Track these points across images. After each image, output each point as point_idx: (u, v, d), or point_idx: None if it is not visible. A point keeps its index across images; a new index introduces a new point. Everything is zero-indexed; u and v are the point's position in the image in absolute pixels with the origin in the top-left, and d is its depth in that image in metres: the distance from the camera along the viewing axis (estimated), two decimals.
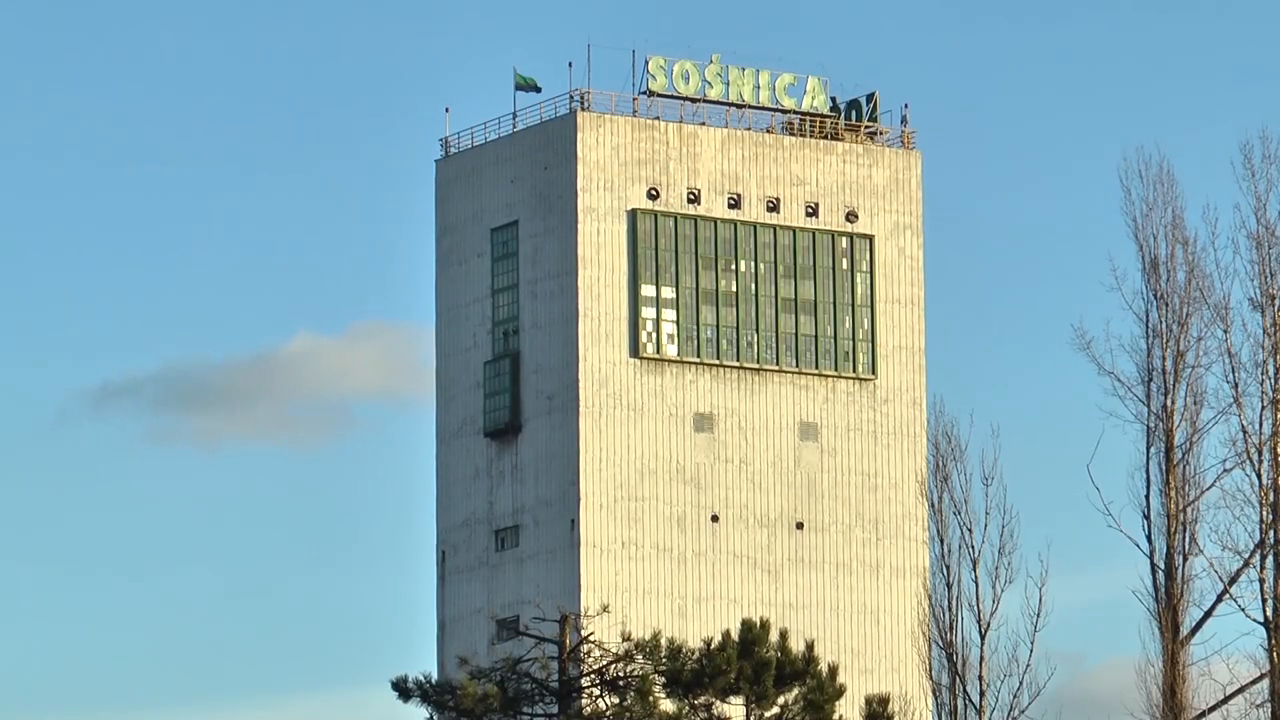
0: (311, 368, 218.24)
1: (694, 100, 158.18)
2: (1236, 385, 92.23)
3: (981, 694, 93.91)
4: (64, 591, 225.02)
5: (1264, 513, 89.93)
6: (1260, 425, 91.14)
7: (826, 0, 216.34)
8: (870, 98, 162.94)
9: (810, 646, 71.64)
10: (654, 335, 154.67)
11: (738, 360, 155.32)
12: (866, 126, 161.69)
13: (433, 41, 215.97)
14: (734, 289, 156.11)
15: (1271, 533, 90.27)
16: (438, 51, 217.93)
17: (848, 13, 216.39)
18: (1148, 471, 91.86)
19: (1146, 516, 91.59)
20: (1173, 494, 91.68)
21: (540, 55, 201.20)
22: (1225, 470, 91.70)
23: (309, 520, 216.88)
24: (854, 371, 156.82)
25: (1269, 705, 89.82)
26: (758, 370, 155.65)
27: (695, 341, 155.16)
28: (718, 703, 69.98)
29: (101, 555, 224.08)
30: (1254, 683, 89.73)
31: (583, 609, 79.82)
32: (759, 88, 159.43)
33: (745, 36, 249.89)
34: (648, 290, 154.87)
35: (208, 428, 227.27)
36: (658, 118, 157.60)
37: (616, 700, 69.84)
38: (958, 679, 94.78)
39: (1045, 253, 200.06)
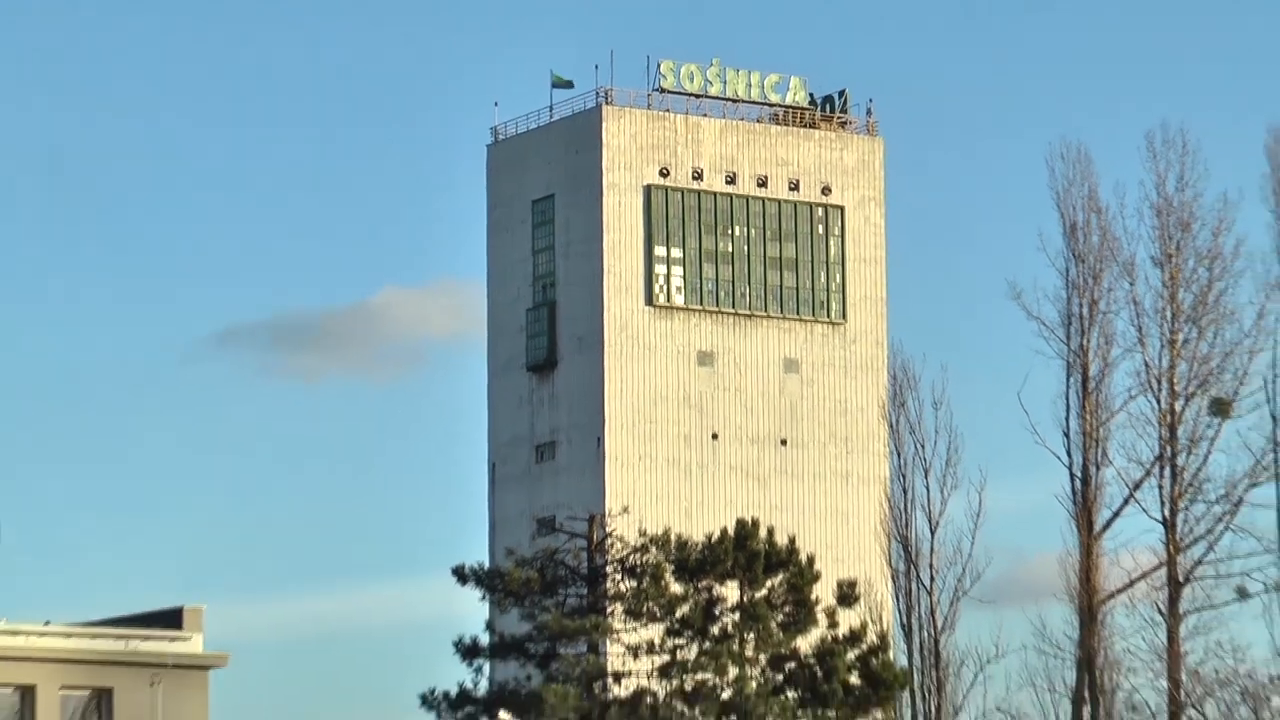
0: (393, 315, 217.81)
1: (697, 96, 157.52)
2: (1140, 328, 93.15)
3: (932, 579, 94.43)
4: (182, 495, 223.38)
5: (1162, 432, 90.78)
6: (1159, 360, 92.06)
7: (806, 13, 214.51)
8: (842, 94, 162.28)
9: (792, 541, 72.30)
10: (664, 287, 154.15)
11: (733, 308, 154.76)
12: (838, 117, 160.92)
13: (484, 48, 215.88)
14: (730, 249, 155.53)
15: (1168, 448, 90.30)
16: (489, 55, 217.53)
17: (823, 23, 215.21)
18: (1067, 399, 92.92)
19: (1066, 435, 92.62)
20: (1088, 417, 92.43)
21: (572, 59, 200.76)
22: (1130, 397, 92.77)
23: (388, 439, 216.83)
24: (828, 317, 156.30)
25: (1166, 589, 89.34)
26: (749, 316, 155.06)
27: (698, 292, 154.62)
28: (717, 585, 70.42)
29: (216, 469, 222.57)
30: (1154, 570, 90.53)
31: (607, 510, 79.81)
32: (750, 85, 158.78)
33: (739, 43, 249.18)
34: (659, 251, 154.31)
35: (309, 365, 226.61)
36: (668, 110, 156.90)
37: (634, 584, 70.30)
38: (912, 567, 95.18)
39: (984, 220, 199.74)
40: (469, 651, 72.77)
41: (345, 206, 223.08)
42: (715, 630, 70.53)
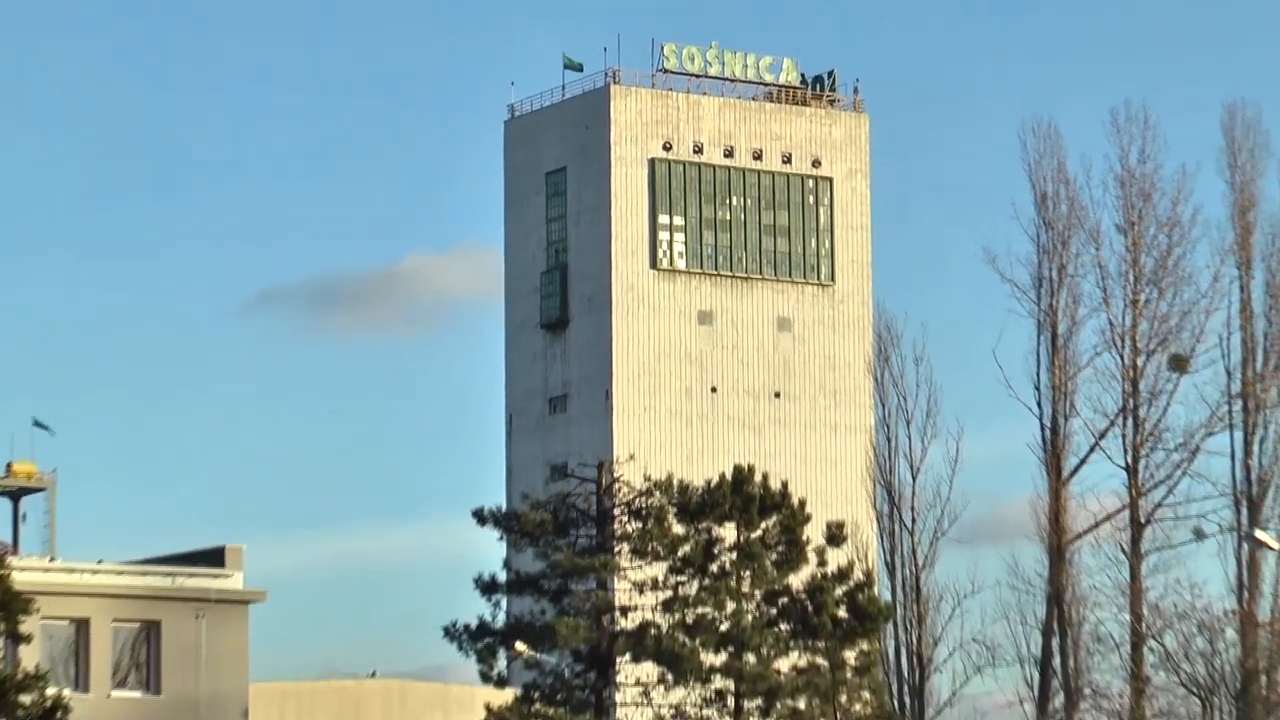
0: (418, 279, 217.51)
1: (698, 76, 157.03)
2: (1105, 290, 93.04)
3: (913, 521, 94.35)
4: (225, 442, 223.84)
5: (1125, 385, 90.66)
6: (1123, 319, 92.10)
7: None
8: (830, 74, 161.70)
9: (784, 486, 72.09)
10: (668, 252, 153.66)
11: (730, 271, 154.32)
12: (827, 96, 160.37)
13: (502, 32, 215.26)
14: (728, 217, 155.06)
15: (1131, 400, 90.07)
16: (506, 39, 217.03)
17: (813, 8, 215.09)
18: (1038, 355, 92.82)
19: (1037, 389, 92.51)
20: (1056, 372, 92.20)
21: (582, 42, 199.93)
22: (1096, 354, 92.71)
23: (414, 392, 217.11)
24: (818, 279, 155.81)
25: (1128, 530, 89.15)
26: (745, 278, 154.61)
27: (699, 257, 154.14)
28: (716, 527, 70.24)
29: (259, 418, 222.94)
30: (1117, 512, 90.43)
31: (614, 458, 79.61)
32: (746, 66, 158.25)
33: (736, 26, 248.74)
34: (663, 218, 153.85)
35: (343, 324, 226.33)
36: (670, 90, 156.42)
37: (640, 525, 70.07)
38: (895, 510, 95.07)
39: (963, 190, 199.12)
40: (488, 587, 72.64)
41: (375, 179, 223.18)
42: (714, 568, 70.36)
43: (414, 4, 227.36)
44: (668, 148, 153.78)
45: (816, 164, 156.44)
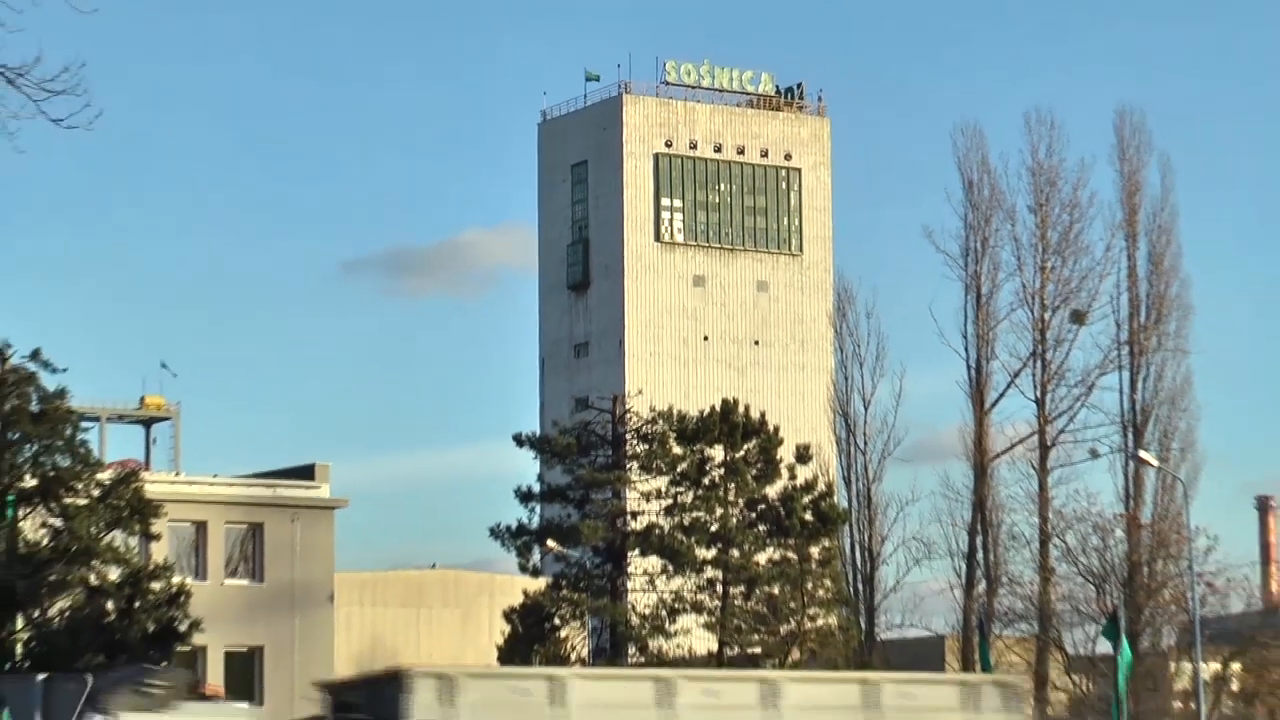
0: (472, 250, 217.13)
1: (693, 87, 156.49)
2: (1019, 258, 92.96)
3: (865, 444, 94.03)
4: (320, 379, 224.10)
5: (1035, 335, 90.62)
6: (1033, 282, 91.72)
7: (773, 25, 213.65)
8: (799, 86, 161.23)
9: (763, 415, 72.16)
10: (669, 228, 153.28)
11: (719, 243, 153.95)
12: (797, 103, 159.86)
13: (536, 52, 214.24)
14: (717, 200, 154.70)
15: (1039, 347, 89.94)
16: (540, 58, 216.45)
17: (785, 34, 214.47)
18: (965, 311, 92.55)
19: (965, 337, 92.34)
20: (980, 324, 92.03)
21: (600, 60, 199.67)
22: (1011, 310, 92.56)
23: (468, 340, 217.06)
24: (789, 250, 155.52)
25: (1037, 451, 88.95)
26: (731, 249, 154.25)
27: (694, 232, 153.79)
28: (707, 448, 69.98)
29: (347, 360, 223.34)
30: (1028, 437, 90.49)
31: (626, 393, 79.40)
32: (732, 79, 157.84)
33: (724, 47, 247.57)
34: (665, 201, 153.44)
35: (412, 286, 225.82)
36: (671, 98, 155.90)
37: (646, 447, 69.84)
38: (850, 434, 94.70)
39: (905, 179, 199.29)
40: (525, 496, 72.62)
41: (437, 170, 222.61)
42: (706, 481, 70.28)
43: (466, 31, 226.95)
44: (669, 144, 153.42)
45: (788, 157, 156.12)
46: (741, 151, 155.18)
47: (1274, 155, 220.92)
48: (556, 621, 71.13)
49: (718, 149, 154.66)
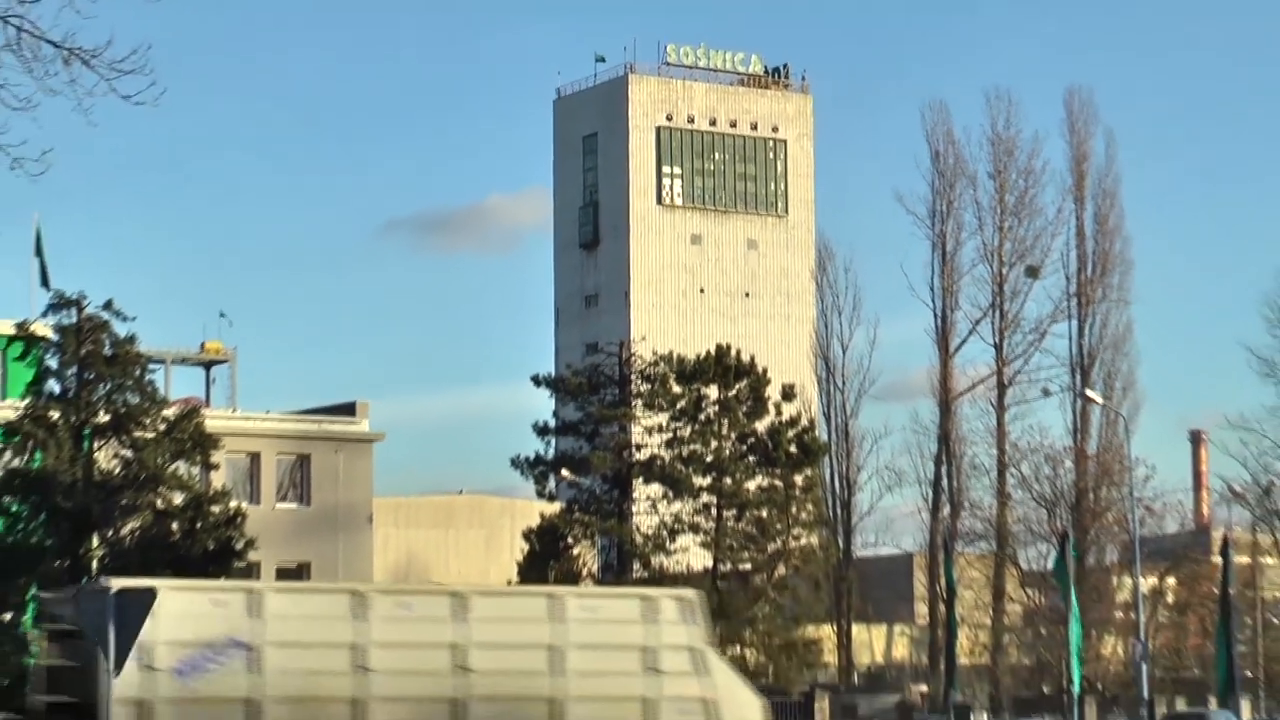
0: (496, 212, 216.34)
1: (690, 67, 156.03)
2: (980, 220, 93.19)
3: (843, 384, 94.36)
4: (361, 327, 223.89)
5: (994, 288, 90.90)
6: (993, 241, 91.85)
7: (763, 8, 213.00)
8: (785, 66, 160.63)
9: (752, 359, 72.30)
10: (670, 192, 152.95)
11: (714, 206, 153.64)
12: (783, 81, 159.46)
13: (552, 36, 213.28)
14: (712, 168, 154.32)
15: (998, 298, 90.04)
16: (555, 41, 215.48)
17: (772, 17, 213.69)
18: (932, 266, 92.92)
19: (932, 290, 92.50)
20: (945, 278, 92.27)
21: (608, 43, 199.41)
22: (973, 265, 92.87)
23: (493, 293, 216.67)
24: (776, 213, 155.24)
25: (996, 390, 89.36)
26: (724, 212, 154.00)
27: (692, 196, 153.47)
28: (703, 388, 69.95)
29: (384, 310, 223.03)
30: (987, 378, 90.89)
31: (631, 339, 79.39)
32: (725, 60, 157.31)
33: (718, 31, 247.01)
34: (666, 169, 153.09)
35: (444, 243, 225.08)
36: (671, 77, 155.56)
37: (649, 386, 69.88)
38: (830, 376, 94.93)
39: (879, 148, 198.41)
40: (542, 431, 72.79)
41: (467, 141, 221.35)
42: (702, 417, 70.40)
43: (490, 18, 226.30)
44: (669, 119, 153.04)
45: (775, 130, 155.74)
46: (734, 125, 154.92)
47: (1205, 126, 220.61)
48: (570, 541, 71.32)
49: (713, 122, 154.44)
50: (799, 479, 71.11)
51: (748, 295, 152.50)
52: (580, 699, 30.19)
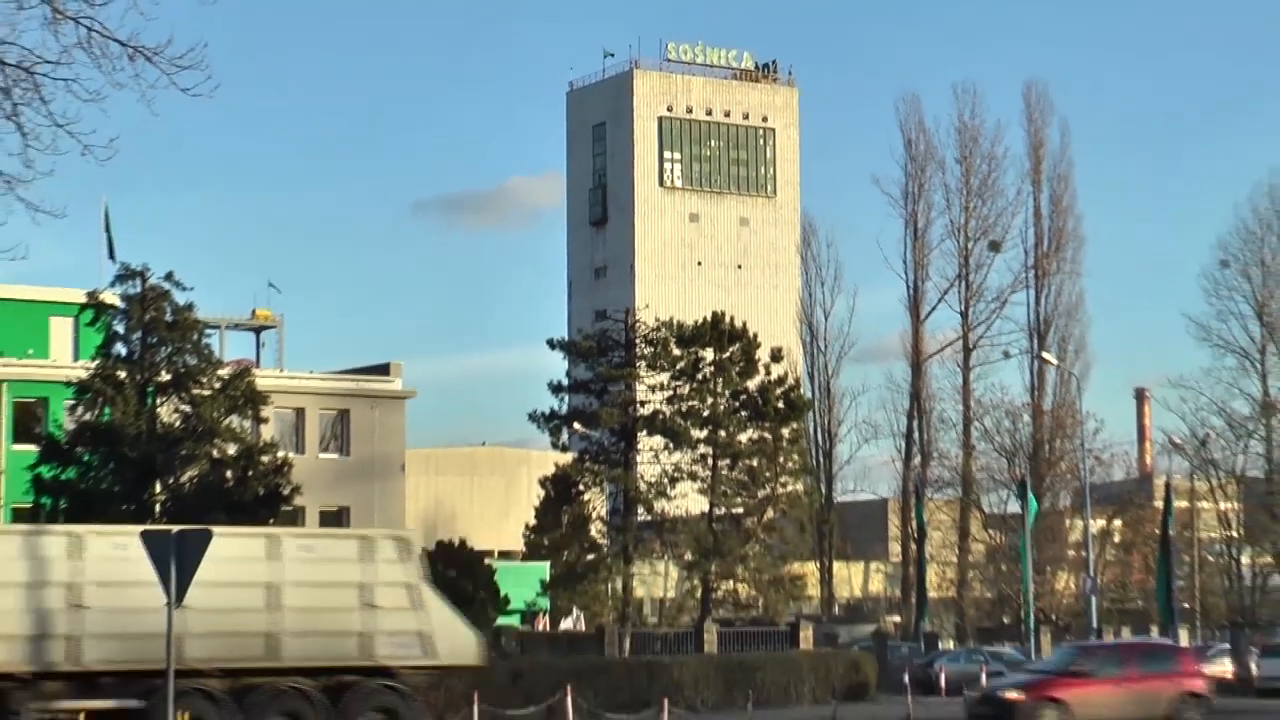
0: (517, 193, 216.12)
1: (689, 63, 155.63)
2: (948, 200, 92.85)
3: (826, 346, 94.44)
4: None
5: (960, 261, 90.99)
6: (960, 219, 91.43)
7: (754, 10, 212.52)
8: (773, 62, 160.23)
9: (744, 325, 71.89)
10: (670, 175, 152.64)
11: (711, 188, 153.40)
12: (771, 76, 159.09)
13: (565, 34, 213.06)
14: (708, 153, 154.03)
15: (964, 270, 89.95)
16: (568, 39, 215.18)
17: (762, 19, 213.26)
18: (905, 241, 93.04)
19: (905, 263, 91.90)
20: (917, 252, 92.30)
21: (616, 40, 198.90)
22: (941, 241, 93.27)
23: (514, 266, 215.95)
24: (765, 194, 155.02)
25: (962, 352, 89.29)
26: (720, 193, 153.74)
27: (690, 179, 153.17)
28: (700, 350, 69.66)
29: (416, 282, 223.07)
30: (954, 341, 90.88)
31: (636, 306, 79.47)
32: (720, 57, 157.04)
33: (714, 30, 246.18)
34: (667, 154, 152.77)
35: (470, 222, 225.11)
36: (672, 72, 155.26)
37: (652, 349, 69.71)
38: (814, 339, 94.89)
39: (857, 136, 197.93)
40: (556, 389, 72.64)
41: (490, 128, 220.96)
42: (699, 376, 70.28)
43: (510, 18, 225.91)
44: (670, 109, 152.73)
45: (764, 119, 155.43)
46: (728, 115, 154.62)
47: (1150, 114, 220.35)
48: (581, 488, 71.32)
49: (709, 113, 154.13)
50: (786, 432, 71.08)
51: (740, 268, 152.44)
52: (297, 634, 29.15)
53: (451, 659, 30.68)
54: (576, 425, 71.47)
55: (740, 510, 70.96)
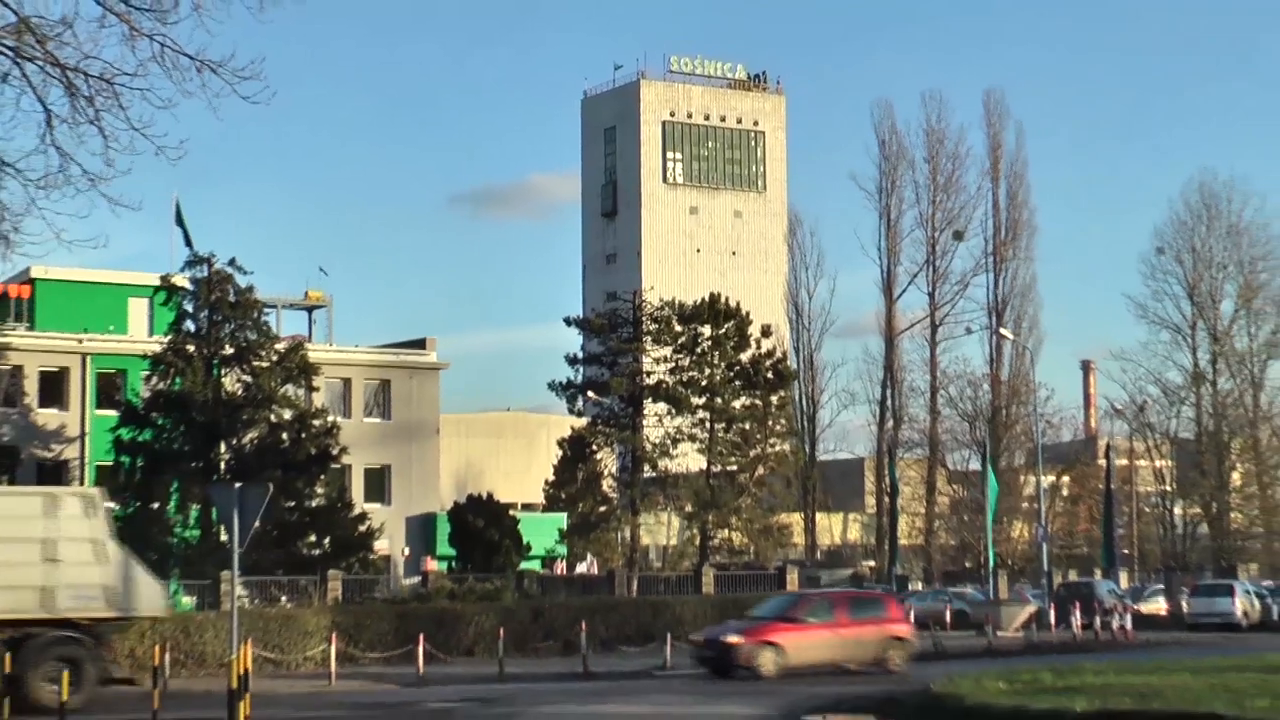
0: (540, 188, 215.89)
1: (689, 74, 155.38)
2: (917, 194, 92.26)
3: (809, 323, 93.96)
4: (432, 278, 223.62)
5: (928, 248, 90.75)
6: (928, 210, 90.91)
7: (746, 28, 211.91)
8: (763, 73, 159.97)
9: (738, 304, 71.88)
10: (673, 173, 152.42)
11: (709, 184, 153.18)
12: (761, 85, 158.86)
13: (580, 50, 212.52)
14: (706, 154, 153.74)
15: (931, 256, 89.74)
16: (583, 53, 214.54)
17: (754, 36, 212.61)
18: (880, 230, 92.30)
19: (879, 250, 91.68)
20: (890, 240, 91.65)
21: (624, 54, 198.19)
22: (911, 230, 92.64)
23: (537, 252, 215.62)
24: (757, 189, 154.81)
25: (929, 329, 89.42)
26: (716, 188, 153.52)
27: (691, 176, 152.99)
28: (699, 327, 69.67)
29: (451, 262, 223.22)
30: (923, 319, 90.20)
31: (643, 289, 79.47)
32: (717, 68, 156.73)
33: (712, 45, 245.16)
34: (669, 154, 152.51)
35: (498, 214, 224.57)
36: (674, 81, 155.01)
37: (656, 326, 69.64)
38: (799, 317, 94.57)
39: (838, 138, 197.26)
40: (572, 361, 72.66)
41: (516, 132, 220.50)
42: (698, 350, 70.31)
43: (535, 34, 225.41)
44: (672, 114, 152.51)
45: (755, 123, 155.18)
46: (723, 119, 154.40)
47: (1097, 117, 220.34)
48: (594, 448, 71.34)
49: (706, 118, 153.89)
50: (774, 399, 71.13)
51: (734, 254, 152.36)
52: None
53: (135, 610, 29.16)
54: (590, 393, 71.48)
55: (734, 468, 71.05)
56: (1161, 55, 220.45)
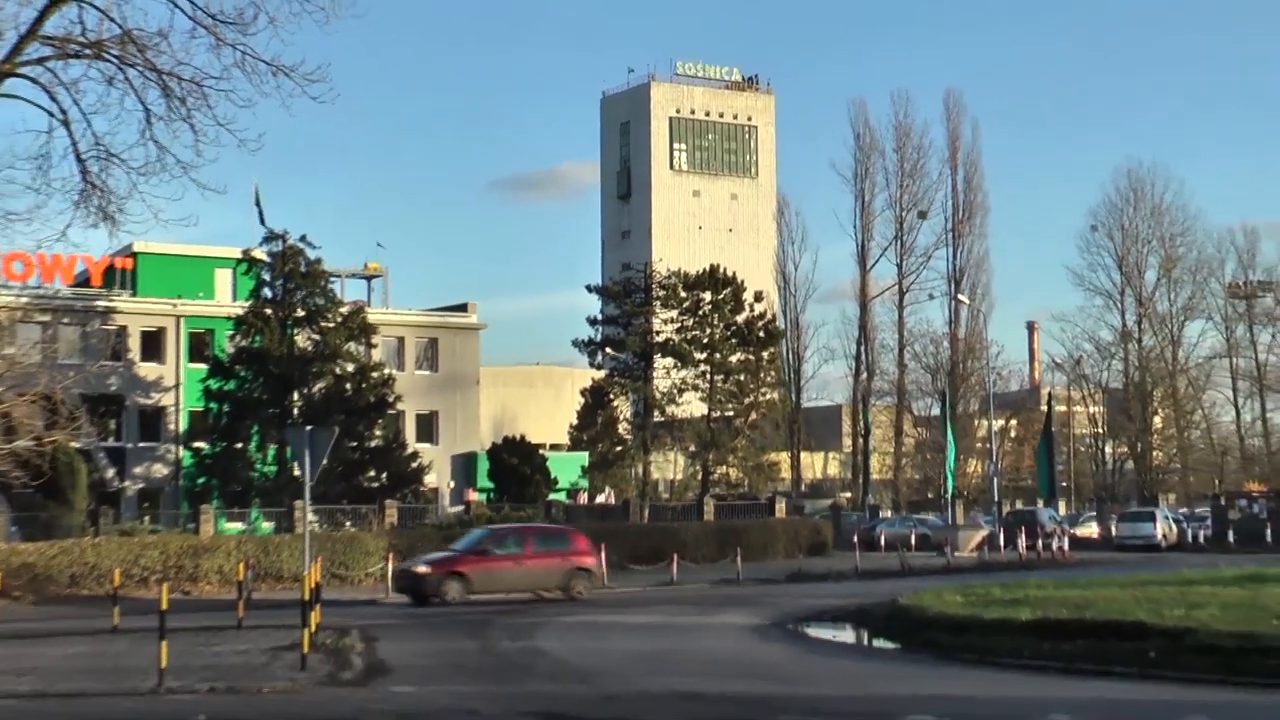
0: (568, 175, 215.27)
1: (693, 76, 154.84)
2: (887, 179, 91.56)
3: (795, 290, 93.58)
4: (492, 249, 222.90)
5: (896, 226, 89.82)
6: (896, 193, 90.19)
7: (742, 35, 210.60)
8: (756, 75, 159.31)
9: (735, 274, 71.62)
10: (678, 161, 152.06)
11: (710, 171, 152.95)
12: (754, 86, 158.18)
13: (599, 56, 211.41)
14: (707, 145, 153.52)
15: (899, 232, 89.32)
16: (602, 60, 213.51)
17: (747, 42, 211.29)
18: (855, 211, 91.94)
19: (855, 228, 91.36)
20: (864, 219, 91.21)
21: (637, 59, 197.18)
22: (882, 211, 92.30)
23: (563, 229, 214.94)
24: (750, 175, 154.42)
25: (898, 295, 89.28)
26: (716, 175, 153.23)
27: (694, 164, 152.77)
28: (701, 293, 69.61)
29: (494, 241, 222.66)
30: (892, 286, 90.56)
31: (654, 260, 79.31)
32: (716, 72, 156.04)
33: (712, 51, 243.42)
34: (676, 145, 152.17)
35: (533, 197, 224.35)
36: (680, 83, 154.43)
37: (665, 293, 69.59)
38: (787, 285, 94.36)
39: (821, 131, 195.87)
40: (593, 322, 72.57)
41: (547, 126, 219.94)
42: (700, 313, 70.24)
43: (560, 42, 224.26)
44: (678, 111, 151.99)
45: (749, 119, 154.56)
46: (722, 116, 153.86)
47: (1043, 115, 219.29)
48: (611, 397, 71.46)
49: (707, 114, 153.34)
50: (765, 355, 71.13)
51: (730, 231, 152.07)
52: None
53: None
54: (608, 349, 71.54)
55: (731, 413, 71.14)
56: (1104, 54, 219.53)
